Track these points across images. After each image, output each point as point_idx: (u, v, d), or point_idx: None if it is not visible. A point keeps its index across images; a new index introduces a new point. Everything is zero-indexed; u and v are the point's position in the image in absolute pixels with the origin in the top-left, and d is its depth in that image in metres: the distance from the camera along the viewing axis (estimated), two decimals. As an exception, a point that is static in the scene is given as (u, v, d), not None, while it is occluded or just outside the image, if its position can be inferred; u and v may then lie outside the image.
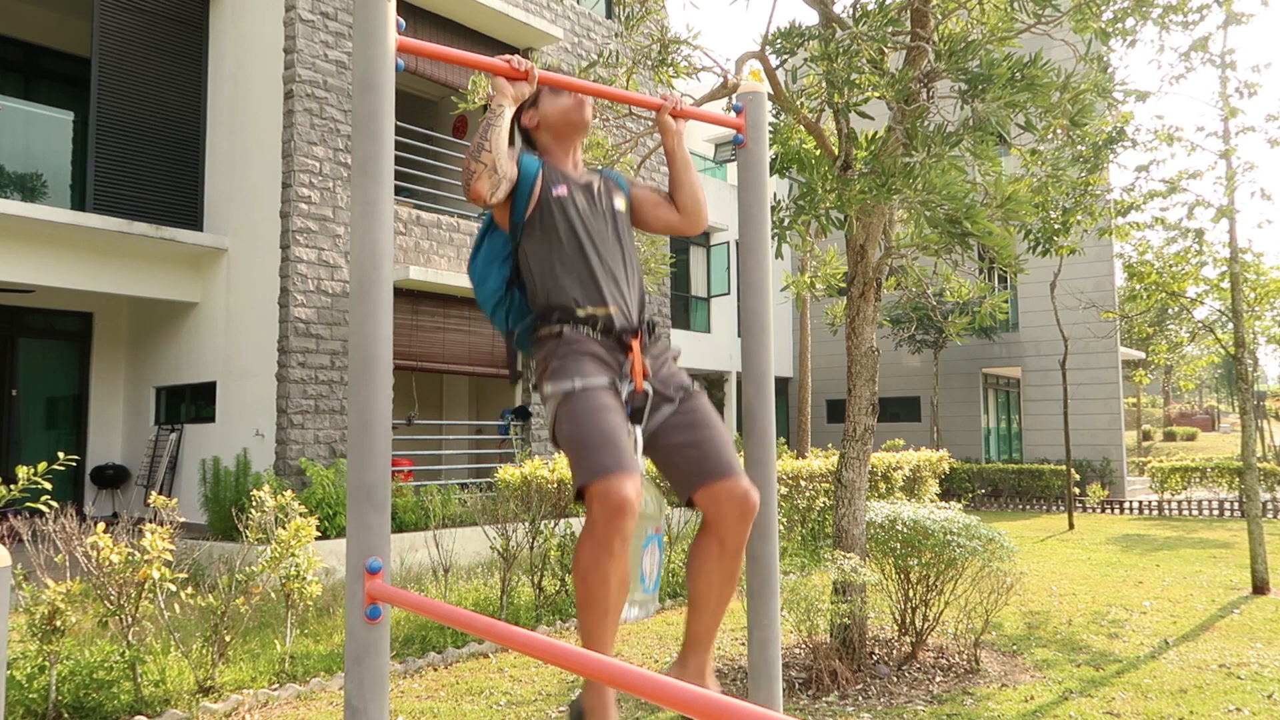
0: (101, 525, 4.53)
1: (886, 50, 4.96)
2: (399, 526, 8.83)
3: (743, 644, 6.03)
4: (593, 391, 2.02)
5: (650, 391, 2.12)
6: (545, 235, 2.20)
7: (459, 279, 10.10)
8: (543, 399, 2.13)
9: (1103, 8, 5.43)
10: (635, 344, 2.15)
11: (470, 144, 2.17)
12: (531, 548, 6.80)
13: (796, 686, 5.12)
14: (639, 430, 2.08)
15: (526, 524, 6.85)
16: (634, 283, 2.25)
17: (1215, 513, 15.84)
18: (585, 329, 2.13)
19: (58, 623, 4.27)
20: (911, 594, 5.66)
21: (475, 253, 2.39)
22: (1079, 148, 6.04)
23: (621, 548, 1.86)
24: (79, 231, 9.10)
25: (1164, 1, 5.91)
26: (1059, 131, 5.72)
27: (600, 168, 2.42)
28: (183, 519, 5.44)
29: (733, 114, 2.19)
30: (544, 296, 2.19)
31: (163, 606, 4.78)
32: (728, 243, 18.96)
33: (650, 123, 6.72)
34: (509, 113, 2.12)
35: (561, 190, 2.23)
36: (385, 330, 1.63)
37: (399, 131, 11.23)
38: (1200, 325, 11.18)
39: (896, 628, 5.85)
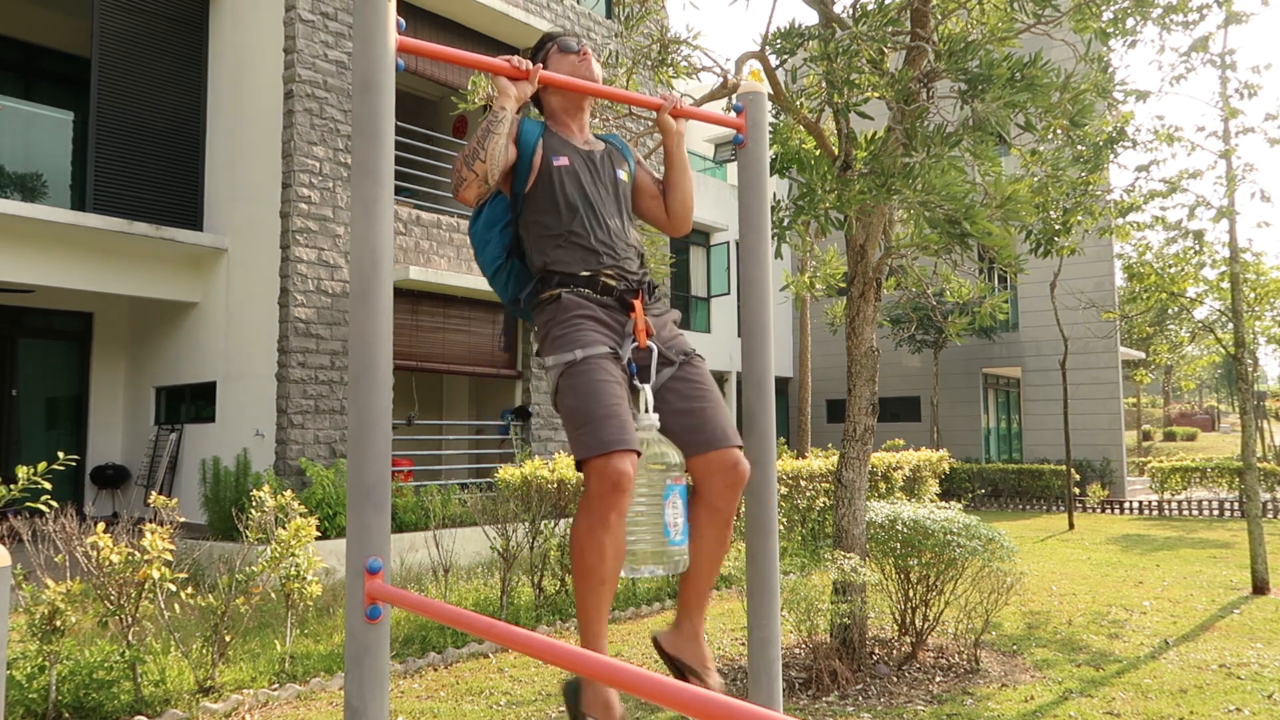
0: (101, 525, 4.53)
1: (886, 50, 4.96)
2: (399, 526, 8.82)
3: (743, 644, 6.03)
4: (594, 362, 2.03)
5: (655, 349, 2.13)
6: (545, 207, 2.21)
7: (459, 279, 10.11)
8: (544, 368, 2.14)
9: (1103, 8, 5.43)
10: (637, 303, 2.17)
11: (466, 145, 2.17)
12: (531, 548, 6.80)
13: (796, 686, 5.12)
14: (648, 388, 2.09)
15: (526, 524, 6.85)
16: (633, 252, 2.26)
17: (1215, 513, 15.84)
18: (585, 290, 2.14)
19: (58, 623, 4.27)
20: (911, 594, 5.66)
21: (476, 216, 2.39)
22: (1079, 148, 6.04)
23: (618, 521, 1.90)
24: (79, 231, 9.10)
25: (1164, 1, 5.91)
26: (1059, 131, 5.72)
27: (609, 136, 2.44)
28: (183, 519, 5.44)
29: (733, 114, 2.19)
30: (542, 263, 2.20)
31: (163, 606, 4.78)
32: (728, 243, 18.96)
33: (650, 123, 6.71)
34: (510, 115, 2.11)
35: (563, 161, 2.23)
36: (385, 331, 1.63)
37: (399, 131, 11.22)
38: (1200, 325, 11.18)
39: (896, 628, 5.85)
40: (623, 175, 2.33)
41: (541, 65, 2.26)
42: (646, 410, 2.06)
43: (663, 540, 1.97)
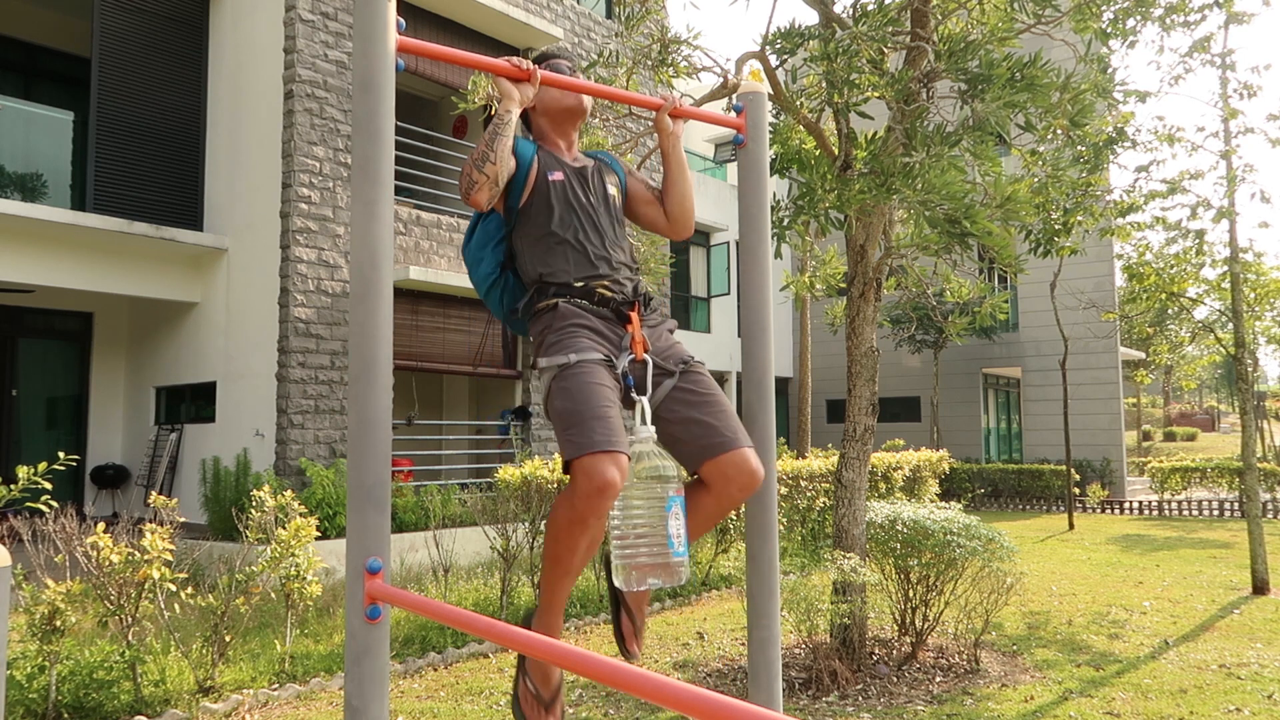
0: (101, 525, 4.53)
1: (886, 50, 4.96)
2: (399, 526, 8.82)
3: (743, 644, 6.03)
4: (587, 366, 2.03)
5: (650, 361, 2.12)
6: (539, 220, 2.24)
7: (459, 279, 10.11)
8: (538, 372, 2.15)
9: (1103, 8, 5.43)
10: (634, 314, 2.18)
11: (474, 149, 2.18)
12: (531, 548, 6.80)
13: (796, 686, 5.12)
14: (645, 400, 2.08)
15: (526, 524, 6.85)
16: (627, 265, 2.28)
17: (1215, 513, 15.84)
18: (582, 301, 2.16)
19: (58, 623, 4.27)
20: (911, 594, 5.66)
21: (469, 236, 2.42)
22: (1079, 148, 6.04)
23: (596, 524, 1.91)
24: (79, 231, 9.10)
25: (1165, 1, 5.91)
26: (1059, 132, 5.72)
27: (598, 152, 2.47)
28: (183, 519, 5.44)
29: (733, 114, 2.19)
30: (538, 274, 2.22)
31: (163, 606, 4.78)
32: (728, 243, 18.96)
33: (650, 123, 6.71)
34: (514, 119, 2.12)
35: (557, 175, 2.27)
36: (385, 330, 1.63)
37: (399, 131, 11.22)
38: (1200, 325, 11.18)
39: (896, 628, 5.85)
40: (613, 189, 2.35)
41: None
42: (644, 423, 2.05)
43: (666, 553, 1.95)
